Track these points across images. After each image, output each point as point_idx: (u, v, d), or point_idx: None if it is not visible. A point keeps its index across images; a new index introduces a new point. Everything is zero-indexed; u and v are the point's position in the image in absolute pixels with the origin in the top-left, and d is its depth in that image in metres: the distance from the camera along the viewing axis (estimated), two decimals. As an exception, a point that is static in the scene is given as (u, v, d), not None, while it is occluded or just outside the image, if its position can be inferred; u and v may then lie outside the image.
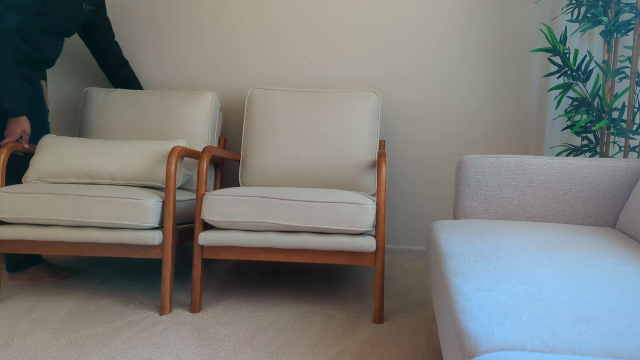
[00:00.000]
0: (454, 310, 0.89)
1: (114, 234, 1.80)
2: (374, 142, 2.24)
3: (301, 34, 2.62)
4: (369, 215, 1.74)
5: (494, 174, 1.68)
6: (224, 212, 1.77)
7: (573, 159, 1.67)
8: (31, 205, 1.79)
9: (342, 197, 1.76)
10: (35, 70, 2.11)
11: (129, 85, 2.59)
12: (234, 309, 1.87)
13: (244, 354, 1.51)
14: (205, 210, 1.78)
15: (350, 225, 1.74)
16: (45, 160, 2.00)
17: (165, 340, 1.60)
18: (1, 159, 1.88)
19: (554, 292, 0.90)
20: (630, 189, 1.61)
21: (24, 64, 2.04)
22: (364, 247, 1.75)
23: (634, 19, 2.12)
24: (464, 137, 2.59)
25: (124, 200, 1.78)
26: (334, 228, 1.74)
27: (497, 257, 1.13)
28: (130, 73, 2.58)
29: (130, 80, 2.58)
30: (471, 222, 1.54)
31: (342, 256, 1.80)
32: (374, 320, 1.78)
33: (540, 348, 0.73)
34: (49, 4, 1.97)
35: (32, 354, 1.49)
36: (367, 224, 1.74)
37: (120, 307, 1.87)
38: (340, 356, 1.51)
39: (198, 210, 1.82)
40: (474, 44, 2.53)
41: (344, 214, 1.74)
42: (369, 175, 2.17)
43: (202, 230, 1.83)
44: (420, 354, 1.53)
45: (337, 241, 1.76)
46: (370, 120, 2.26)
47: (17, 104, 1.92)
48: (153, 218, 1.79)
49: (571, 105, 2.30)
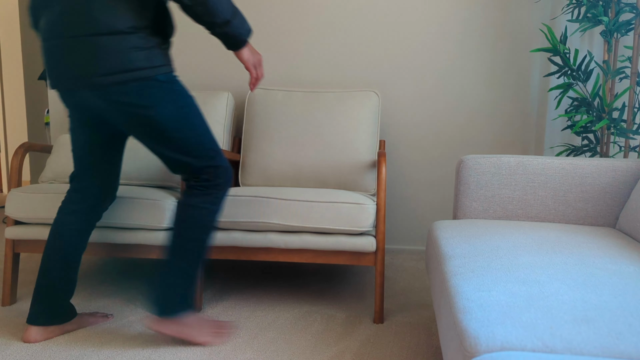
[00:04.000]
0: (454, 310, 0.89)
1: (130, 235, 1.80)
2: (374, 142, 2.24)
3: (301, 34, 2.62)
4: (369, 215, 1.74)
5: (494, 174, 1.68)
6: (224, 212, 1.77)
7: (573, 159, 1.67)
8: (47, 206, 1.79)
9: (342, 197, 1.76)
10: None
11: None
12: (234, 309, 1.87)
13: (244, 354, 1.51)
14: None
15: (350, 225, 1.74)
16: (61, 160, 2.01)
17: (165, 340, 1.60)
18: (18, 159, 1.88)
19: (554, 292, 0.90)
20: (630, 189, 1.61)
21: None
22: (364, 247, 1.75)
23: (634, 19, 2.11)
24: (464, 137, 2.59)
25: (140, 200, 1.78)
26: (334, 228, 1.74)
27: (497, 257, 1.13)
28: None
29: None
30: (471, 222, 1.54)
31: (342, 256, 1.80)
32: (374, 320, 1.78)
33: (540, 348, 0.73)
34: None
35: (32, 354, 1.49)
36: (367, 224, 1.74)
37: (120, 307, 1.87)
38: (340, 356, 1.51)
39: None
40: (474, 44, 2.53)
41: (344, 214, 1.74)
42: (368, 175, 2.17)
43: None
44: (420, 354, 1.53)
45: (337, 241, 1.76)
46: (370, 120, 2.26)
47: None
48: (170, 219, 1.79)
49: (571, 105, 2.30)
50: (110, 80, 1.38)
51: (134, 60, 1.39)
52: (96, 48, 1.37)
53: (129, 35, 1.39)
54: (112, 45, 1.38)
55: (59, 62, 1.42)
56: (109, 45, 1.37)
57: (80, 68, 1.39)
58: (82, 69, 1.39)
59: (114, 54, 1.38)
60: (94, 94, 1.41)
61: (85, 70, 1.39)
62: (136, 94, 1.41)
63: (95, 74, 1.38)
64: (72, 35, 1.38)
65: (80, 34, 1.38)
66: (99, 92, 1.41)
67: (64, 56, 1.40)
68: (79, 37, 1.38)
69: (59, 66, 1.43)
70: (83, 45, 1.38)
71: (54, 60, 1.43)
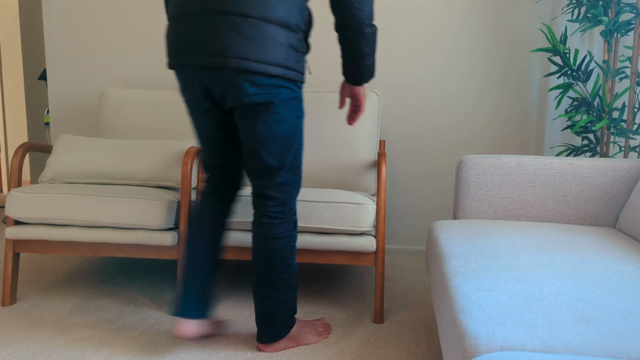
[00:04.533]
0: (454, 310, 0.89)
1: (129, 235, 1.80)
2: (374, 142, 2.24)
3: (301, 34, 2.61)
4: (369, 216, 1.74)
5: (494, 174, 1.68)
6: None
7: (573, 159, 1.67)
8: (47, 206, 1.79)
9: (342, 197, 1.76)
10: None
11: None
12: (234, 308, 1.87)
13: (244, 354, 1.51)
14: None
15: (350, 225, 1.74)
16: (61, 160, 2.01)
17: (165, 340, 1.60)
18: (18, 159, 1.89)
19: (554, 292, 0.90)
20: (630, 189, 1.61)
21: None
22: (364, 247, 1.75)
23: (634, 18, 2.12)
24: (464, 137, 2.59)
25: (140, 200, 1.78)
26: (334, 228, 1.74)
27: (497, 257, 1.13)
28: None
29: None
30: (471, 222, 1.54)
31: (343, 256, 1.80)
32: (374, 320, 1.78)
33: (540, 348, 0.73)
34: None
35: (32, 354, 1.49)
36: (368, 224, 1.74)
37: (120, 307, 1.87)
38: (340, 356, 1.51)
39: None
40: (474, 44, 2.53)
41: (344, 214, 1.74)
42: (369, 175, 2.17)
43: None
44: (420, 354, 1.53)
45: (337, 241, 1.76)
46: (371, 120, 2.26)
47: None
48: (168, 219, 1.79)
49: (571, 105, 2.30)
50: (262, 69, 1.34)
51: (290, 59, 1.38)
52: (265, 34, 1.34)
53: (292, 32, 1.38)
54: (279, 36, 1.35)
55: (210, 36, 1.34)
56: (276, 36, 1.35)
57: (242, 48, 1.33)
58: (243, 50, 1.33)
59: (278, 46, 1.35)
60: (240, 77, 1.36)
61: (244, 52, 1.33)
62: (276, 90, 1.39)
63: (254, 58, 1.33)
64: (241, 14, 1.32)
65: (251, 15, 1.32)
66: (245, 75, 1.36)
67: (222, 32, 1.33)
68: (248, 18, 1.33)
69: (204, 40, 1.35)
70: (251, 27, 1.33)
71: (201, 34, 1.35)
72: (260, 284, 1.49)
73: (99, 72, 2.77)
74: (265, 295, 1.49)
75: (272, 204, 1.48)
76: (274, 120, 1.41)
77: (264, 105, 1.39)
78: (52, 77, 2.80)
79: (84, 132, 2.82)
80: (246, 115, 1.42)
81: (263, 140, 1.42)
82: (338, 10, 1.42)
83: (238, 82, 1.36)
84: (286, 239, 1.49)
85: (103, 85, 2.77)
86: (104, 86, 2.78)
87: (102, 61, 2.76)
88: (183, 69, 1.41)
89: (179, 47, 1.39)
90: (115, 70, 2.76)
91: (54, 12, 2.75)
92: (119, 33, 2.74)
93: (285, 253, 1.49)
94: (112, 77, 2.77)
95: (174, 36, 1.40)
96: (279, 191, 1.47)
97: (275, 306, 1.50)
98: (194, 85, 1.42)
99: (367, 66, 1.49)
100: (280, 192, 1.47)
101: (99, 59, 2.76)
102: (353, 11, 1.40)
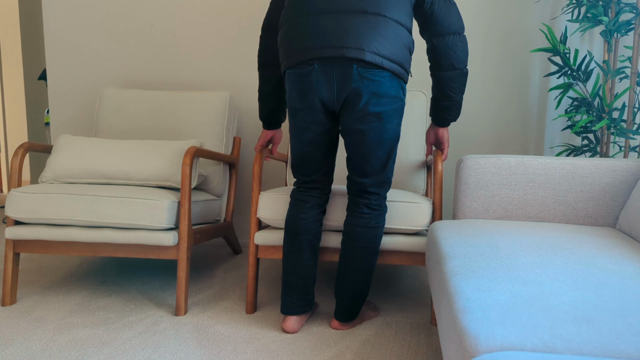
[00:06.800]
0: (454, 310, 0.89)
1: (129, 235, 1.80)
2: (422, 142, 2.20)
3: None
4: (426, 214, 1.73)
5: (494, 174, 1.68)
6: (275, 210, 1.78)
7: (573, 159, 1.67)
8: (47, 206, 1.79)
9: (399, 196, 1.75)
10: None
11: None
12: (234, 308, 1.87)
13: (244, 354, 1.51)
14: (261, 209, 1.79)
15: (407, 224, 1.74)
16: (61, 160, 2.01)
17: (165, 340, 1.60)
18: (18, 159, 1.88)
19: (554, 292, 0.90)
20: (630, 189, 1.61)
21: None
22: (421, 247, 1.75)
23: (634, 19, 2.12)
24: (464, 137, 2.59)
25: (139, 200, 1.78)
26: (392, 227, 1.74)
27: (497, 257, 1.13)
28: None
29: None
30: (471, 222, 1.54)
31: (399, 256, 1.78)
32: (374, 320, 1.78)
33: (540, 348, 0.73)
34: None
35: (32, 354, 1.49)
36: (424, 223, 1.74)
37: (120, 307, 1.87)
38: (340, 356, 1.51)
39: (254, 210, 1.82)
40: (474, 43, 2.53)
41: (400, 214, 1.73)
42: (418, 176, 2.14)
43: (258, 230, 1.83)
44: (420, 354, 1.53)
45: (393, 241, 1.75)
46: (419, 120, 2.21)
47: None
48: (168, 219, 1.79)
49: (571, 105, 2.30)
50: (381, 62, 1.46)
51: (406, 58, 1.52)
52: (389, 30, 1.47)
53: (408, 34, 1.52)
54: (399, 34, 1.49)
55: (345, 31, 1.46)
56: (397, 33, 1.48)
57: (368, 40, 1.45)
58: (377, 45, 1.45)
59: (398, 42, 1.48)
60: (358, 69, 1.46)
61: (377, 47, 1.45)
62: (388, 86, 1.50)
63: (375, 51, 1.45)
64: (362, 11, 1.46)
65: (371, 11, 1.46)
66: (364, 68, 1.46)
67: (346, 27, 1.45)
68: (368, 14, 1.46)
69: (338, 35, 1.45)
70: (375, 22, 1.46)
71: (336, 29, 1.46)
72: (352, 267, 1.63)
73: (99, 72, 2.77)
74: (355, 278, 1.64)
75: (375, 198, 1.62)
76: (385, 130, 1.54)
77: (376, 116, 1.51)
78: (52, 77, 2.80)
79: (84, 132, 2.82)
80: (360, 121, 1.52)
81: (372, 147, 1.55)
82: (444, 52, 1.59)
83: (352, 74, 1.47)
84: (380, 228, 1.64)
85: (103, 85, 2.77)
86: (104, 86, 2.78)
87: (102, 61, 2.77)
88: (305, 65, 1.50)
89: (308, 42, 1.49)
90: (115, 70, 2.76)
91: (54, 12, 2.75)
92: (119, 33, 2.74)
93: (379, 241, 1.65)
94: (112, 77, 2.77)
95: (299, 34, 1.50)
96: (380, 187, 1.62)
97: (363, 288, 1.65)
98: (314, 82, 1.51)
99: (459, 103, 1.69)
100: (381, 188, 1.62)
101: (99, 59, 2.76)
102: (457, 53, 1.60)
